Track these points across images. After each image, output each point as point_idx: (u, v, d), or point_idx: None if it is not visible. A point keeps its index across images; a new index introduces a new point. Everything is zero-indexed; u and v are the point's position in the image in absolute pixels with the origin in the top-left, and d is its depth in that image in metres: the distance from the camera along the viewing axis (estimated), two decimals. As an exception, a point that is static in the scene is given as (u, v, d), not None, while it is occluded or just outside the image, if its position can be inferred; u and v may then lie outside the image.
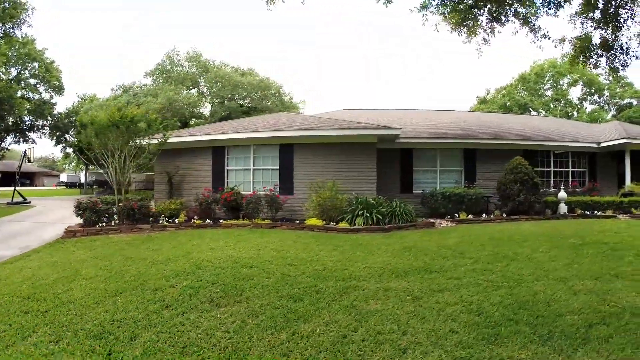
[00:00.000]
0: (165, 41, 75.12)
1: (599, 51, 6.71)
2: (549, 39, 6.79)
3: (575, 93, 39.94)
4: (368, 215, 8.57)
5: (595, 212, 11.05)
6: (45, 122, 24.40)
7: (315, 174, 10.05)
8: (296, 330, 2.97)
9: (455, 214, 10.40)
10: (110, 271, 5.04)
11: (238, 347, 2.70)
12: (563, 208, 11.06)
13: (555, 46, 7.18)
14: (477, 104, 41.48)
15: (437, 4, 6.30)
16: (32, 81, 22.79)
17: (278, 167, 10.54)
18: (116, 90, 22.01)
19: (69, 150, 26.25)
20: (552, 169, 13.42)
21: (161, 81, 22.03)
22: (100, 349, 2.75)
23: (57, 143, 25.88)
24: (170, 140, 10.43)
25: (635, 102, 36.52)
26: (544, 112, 37.98)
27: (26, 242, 7.61)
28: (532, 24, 6.73)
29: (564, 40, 7.01)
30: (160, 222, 9.00)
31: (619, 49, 6.57)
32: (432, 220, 9.77)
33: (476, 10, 6.46)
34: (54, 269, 5.28)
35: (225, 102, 21.91)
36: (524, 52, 73.03)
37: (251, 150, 10.77)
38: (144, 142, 9.38)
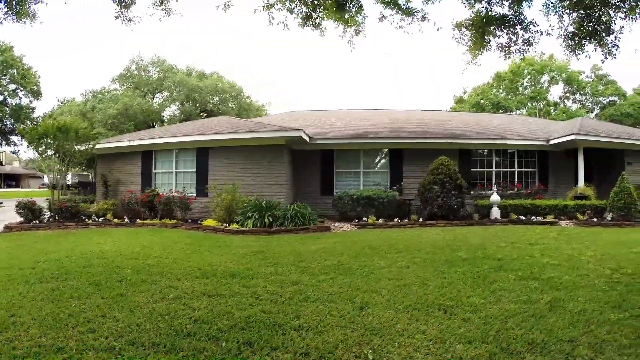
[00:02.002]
0: (148, 42, 75.73)
1: (497, 31, 5.88)
2: (428, 21, 6.07)
3: (557, 91, 39.91)
4: (257, 217, 9.07)
5: (534, 217, 10.07)
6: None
7: (229, 177, 10.72)
8: (60, 304, 3.94)
9: (365, 218, 10.12)
10: (7, 256, 6.38)
11: (14, 304, 3.95)
12: (495, 212, 10.20)
13: (438, 30, 6.40)
14: (455, 104, 41.78)
15: None
16: (11, 86, 24.35)
17: (195, 170, 11.54)
18: (85, 95, 23.53)
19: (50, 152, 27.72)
20: (493, 169, 12.75)
21: (131, 85, 23.45)
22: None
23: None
24: (105, 145, 11.85)
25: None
26: (524, 111, 38.17)
27: (-31, 235, 9.08)
28: (403, 7, 6.01)
29: (461, 26, 6.07)
30: (86, 220, 10.36)
31: (518, 24, 5.67)
32: (331, 224, 9.61)
33: None
34: (-28, 254, 6.61)
35: (184, 105, 23.24)
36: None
37: (174, 154, 11.85)
38: (76, 149, 10.77)
